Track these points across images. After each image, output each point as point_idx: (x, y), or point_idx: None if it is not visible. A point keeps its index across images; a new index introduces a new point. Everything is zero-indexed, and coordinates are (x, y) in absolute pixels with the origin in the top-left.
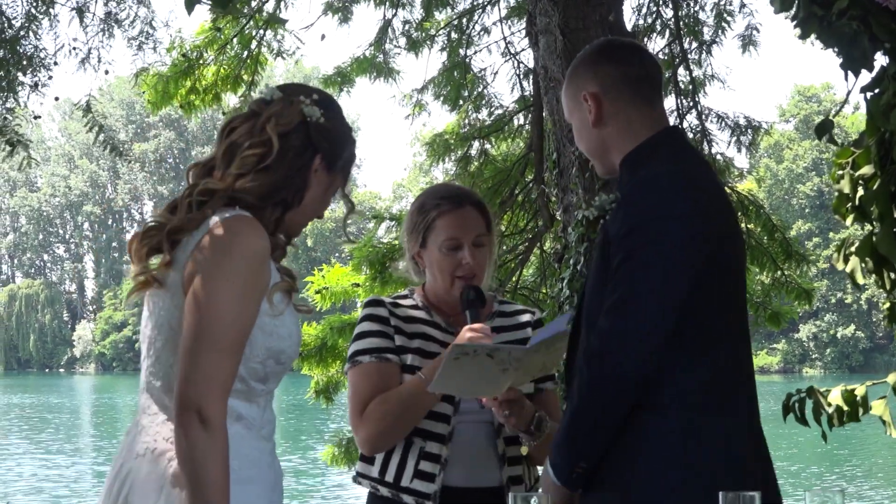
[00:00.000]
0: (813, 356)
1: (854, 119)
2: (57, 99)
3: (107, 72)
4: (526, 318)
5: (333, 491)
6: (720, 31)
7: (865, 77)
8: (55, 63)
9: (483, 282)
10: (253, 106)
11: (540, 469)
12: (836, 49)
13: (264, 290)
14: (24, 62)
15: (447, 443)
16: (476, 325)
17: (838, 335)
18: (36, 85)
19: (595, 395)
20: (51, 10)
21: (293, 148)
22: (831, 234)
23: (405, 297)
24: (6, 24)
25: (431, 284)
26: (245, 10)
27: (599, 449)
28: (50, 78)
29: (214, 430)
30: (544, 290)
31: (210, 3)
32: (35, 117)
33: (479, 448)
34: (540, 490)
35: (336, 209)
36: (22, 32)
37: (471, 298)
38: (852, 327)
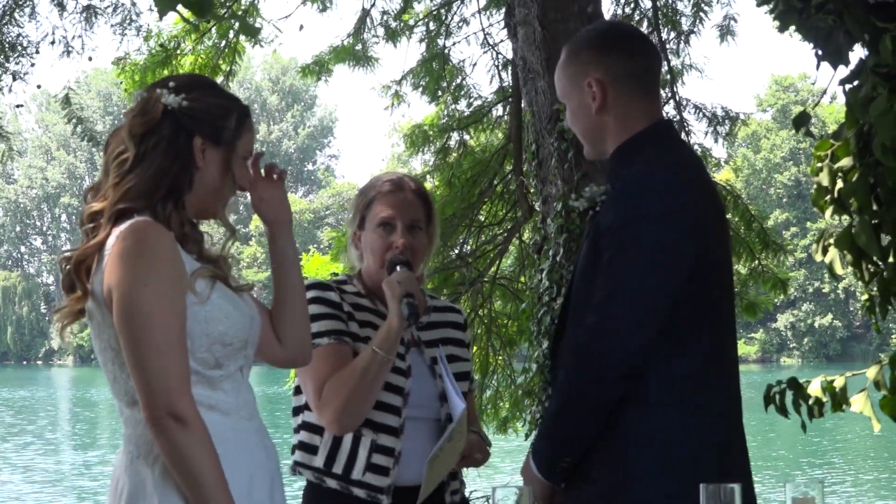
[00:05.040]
0: (791, 346)
1: (832, 109)
2: (39, 87)
3: (90, 58)
4: (456, 317)
5: None
6: (698, 21)
7: (844, 69)
8: (37, 52)
9: (417, 269)
10: (122, 117)
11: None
12: (813, 43)
13: (184, 282)
14: (7, 50)
15: (400, 435)
16: (392, 276)
17: (816, 324)
18: (14, 76)
19: (582, 389)
20: None
21: (164, 138)
22: (809, 224)
23: (344, 282)
24: None
25: (367, 268)
26: (223, 12)
27: (585, 443)
28: (32, 65)
29: (192, 425)
30: (523, 280)
31: (186, 10)
32: (17, 106)
33: (426, 445)
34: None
35: (314, 200)
36: (4, 20)
37: (400, 261)
38: (830, 316)
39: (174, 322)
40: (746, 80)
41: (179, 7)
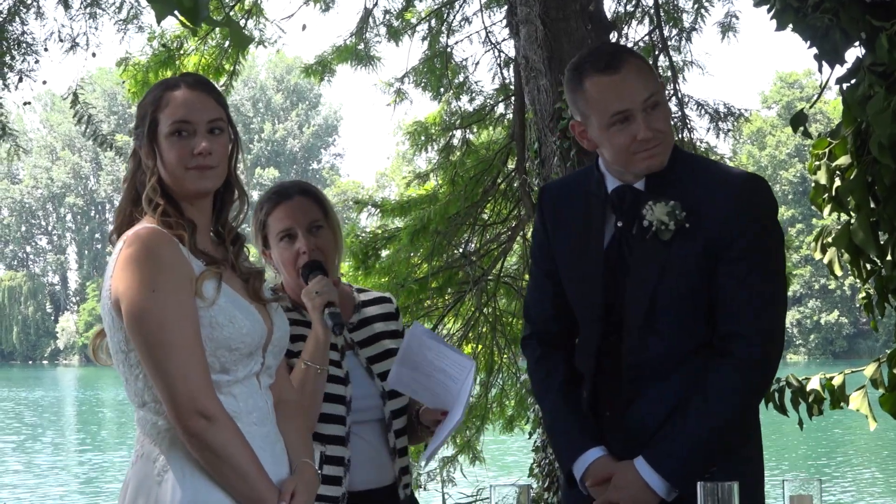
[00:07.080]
0: (797, 342)
1: (836, 104)
2: (45, 83)
3: (94, 54)
4: (387, 307)
5: None
6: (700, 17)
7: (841, 68)
8: (45, 49)
9: (331, 268)
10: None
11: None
12: (810, 42)
13: (190, 281)
14: (13, 48)
15: (347, 444)
16: (310, 286)
17: (822, 321)
18: (21, 76)
19: (755, 398)
20: None
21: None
22: (814, 221)
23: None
24: None
25: (286, 282)
26: (223, 15)
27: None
28: (37, 62)
29: (221, 420)
30: (527, 278)
31: (181, 17)
32: (25, 103)
33: (374, 446)
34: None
35: None
36: (8, 18)
37: (312, 267)
38: (836, 313)
39: (186, 323)
40: (751, 77)
41: (176, 12)
